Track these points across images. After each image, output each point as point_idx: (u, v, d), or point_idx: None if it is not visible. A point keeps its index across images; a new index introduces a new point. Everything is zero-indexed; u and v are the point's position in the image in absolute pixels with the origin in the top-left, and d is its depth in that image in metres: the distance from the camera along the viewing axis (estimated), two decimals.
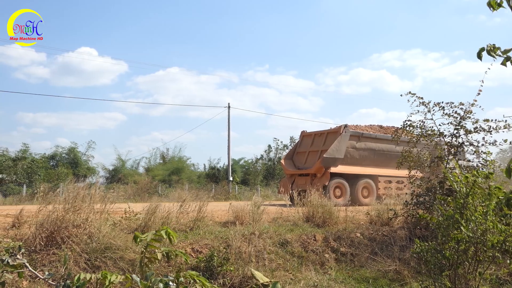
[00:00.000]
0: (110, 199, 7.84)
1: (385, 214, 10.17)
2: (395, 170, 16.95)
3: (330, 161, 15.51)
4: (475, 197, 5.31)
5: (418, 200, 9.63)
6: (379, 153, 16.83)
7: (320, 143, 16.65)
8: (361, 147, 16.42)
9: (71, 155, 32.14)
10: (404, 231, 9.49)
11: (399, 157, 16.72)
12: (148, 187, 25.77)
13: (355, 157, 16.26)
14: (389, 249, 8.79)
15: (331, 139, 16.11)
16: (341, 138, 15.80)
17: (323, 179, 15.46)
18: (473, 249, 5.52)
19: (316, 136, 17.26)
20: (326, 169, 15.52)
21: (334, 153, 15.56)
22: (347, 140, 15.92)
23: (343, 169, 15.89)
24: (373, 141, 16.74)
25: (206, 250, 7.54)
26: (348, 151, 16.00)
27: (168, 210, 8.29)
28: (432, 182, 9.62)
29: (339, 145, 15.70)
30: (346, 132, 15.98)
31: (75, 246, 6.44)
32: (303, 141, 17.88)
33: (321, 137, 16.89)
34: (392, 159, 17.00)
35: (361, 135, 16.42)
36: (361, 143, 16.41)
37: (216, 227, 8.86)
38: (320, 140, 16.82)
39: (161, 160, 36.63)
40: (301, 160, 17.16)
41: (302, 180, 16.38)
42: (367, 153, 16.58)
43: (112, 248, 6.61)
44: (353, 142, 16.18)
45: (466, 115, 9.50)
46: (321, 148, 16.30)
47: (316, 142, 17.07)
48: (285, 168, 17.42)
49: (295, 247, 8.44)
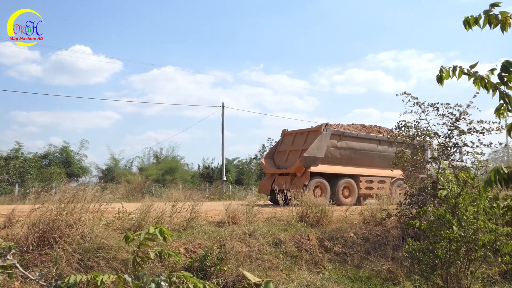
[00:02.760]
0: (103, 199, 7.82)
1: (378, 214, 10.22)
2: (377, 169, 17.03)
3: (310, 160, 15.31)
4: (466, 197, 5.36)
5: (411, 200, 9.68)
6: (361, 152, 16.68)
7: (301, 142, 16.41)
8: (342, 146, 16.25)
9: (64, 155, 31.97)
10: (397, 231, 9.55)
11: (381, 156, 17.00)
12: (142, 187, 25.71)
13: (336, 156, 16.09)
14: (382, 248, 8.84)
15: (312, 138, 15.90)
16: (321, 137, 15.62)
17: (303, 178, 15.25)
18: (465, 249, 5.57)
19: (297, 135, 17.02)
20: (306, 169, 15.31)
21: (315, 152, 15.36)
22: (328, 139, 15.76)
23: (324, 168, 15.71)
24: (355, 140, 16.59)
25: (200, 250, 7.55)
26: (329, 150, 15.83)
27: (161, 210, 8.28)
28: (425, 182, 9.69)
29: (320, 144, 15.52)
30: (327, 131, 15.80)
31: (67, 246, 6.42)
32: (284, 140, 17.64)
33: (302, 136, 16.66)
34: (374, 159, 17.07)
35: (342, 134, 16.24)
36: (342, 142, 16.25)
37: (210, 227, 8.87)
38: (301, 139, 16.59)
39: (154, 160, 36.54)
40: (282, 159, 16.92)
41: (282, 179, 16.11)
42: (348, 152, 16.40)
43: (105, 248, 6.60)
44: (334, 141, 16.03)
45: (461, 116, 9.57)
46: (301, 147, 16.07)
47: (297, 141, 16.84)
48: (265, 167, 17.18)
49: (288, 246, 8.47)
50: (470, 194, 5.42)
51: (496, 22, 2.82)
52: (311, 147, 15.27)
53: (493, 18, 2.81)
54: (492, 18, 2.81)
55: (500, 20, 2.80)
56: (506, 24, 2.81)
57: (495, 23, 2.82)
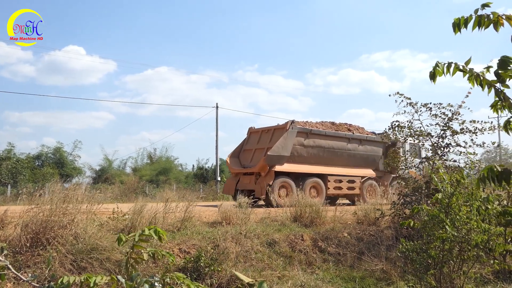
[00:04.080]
0: (96, 199, 7.79)
1: (372, 214, 10.25)
2: (346, 168, 16.75)
3: (275, 159, 14.81)
4: (460, 197, 5.39)
5: (405, 200, 9.73)
6: (329, 151, 16.28)
7: (267, 140, 15.92)
8: (309, 144, 15.77)
9: (57, 155, 31.78)
10: (391, 231, 9.58)
11: (351, 155, 16.82)
12: (135, 187, 25.61)
13: (302, 155, 15.60)
14: (376, 248, 8.87)
15: (278, 135, 15.36)
16: (287, 135, 15.11)
17: (267, 178, 14.71)
18: (458, 248, 5.61)
19: (263, 133, 16.51)
20: (270, 168, 14.80)
21: (280, 151, 14.85)
22: (294, 137, 15.25)
23: (290, 167, 15.23)
24: (323, 138, 16.14)
25: (194, 250, 7.54)
26: (295, 148, 15.33)
27: (155, 210, 8.26)
28: (419, 183, 9.74)
29: (286, 142, 15.01)
30: (293, 128, 15.29)
31: (60, 247, 6.39)
32: (250, 138, 17.12)
33: (268, 134, 16.15)
34: (343, 157, 16.67)
35: (309, 131, 15.75)
36: (309, 140, 15.76)
37: (204, 228, 8.86)
38: (267, 137, 16.09)
39: (148, 160, 36.43)
40: (247, 158, 16.41)
41: (246, 179, 15.72)
42: (316, 151, 15.94)
43: (99, 249, 6.57)
44: (300, 139, 15.51)
45: (454, 116, 9.63)
46: (267, 145, 15.54)
47: (262, 139, 16.36)
48: (230, 167, 16.71)
49: (282, 247, 8.47)
50: (463, 194, 5.46)
51: (488, 23, 2.84)
52: (275, 145, 14.80)
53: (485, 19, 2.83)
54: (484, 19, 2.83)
55: (492, 20, 2.82)
56: (498, 24, 2.83)
57: (486, 23, 2.84)
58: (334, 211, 10.65)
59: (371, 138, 17.42)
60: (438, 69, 3.12)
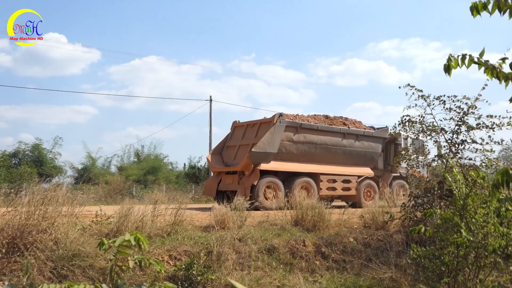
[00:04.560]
0: (78, 201, 7.79)
1: (380, 217, 10.27)
2: (341, 167, 16.37)
3: (260, 156, 14.39)
4: (476, 198, 5.40)
5: (416, 202, 9.75)
6: (322, 147, 15.93)
7: (252, 135, 15.50)
8: (299, 140, 15.38)
9: (35, 153, 31.75)
10: (400, 235, 9.60)
11: (347, 152, 16.49)
12: (121, 188, 25.59)
13: (292, 152, 15.24)
14: (384, 255, 8.89)
15: (264, 130, 14.96)
16: (274, 129, 14.66)
17: (251, 177, 14.33)
18: (474, 255, 5.62)
19: (248, 127, 16.08)
20: (255, 166, 14.39)
21: (265, 147, 14.44)
22: (282, 132, 14.83)
23: (277, 165, 14.87)
24: (315, 133, 15.73)
25: (185, 257, 7.55)
26: (283, 144, 14.92)
27: (142, 213, 8.26)
28: (431, 183, 9.75)
29: (272, 137, 14.59)
30: (281, 122, 14.84)
31: (39, 253, 6.39)
32: (234, 133, 16.71)
33: (253, 128, 15.78)
34: (337, 155, 16.33)
35: (299, 126, 15.32)
36: (299, 135, 15.35)
37: (196, 232, 8.87)
38: (252, 131, 15.69)
39: (135, 159, 36.40)
40: (231, 156, 16.04)
41: (229, 179, 15.36)
42: (307, 147, 15.56)
43: (81, 255, 6.58)
44: (289, 134, 15.12)
45: (470, 110, 9.63)
46: (252, 141, 15.13)
47: (247, 134, 15.93)
48: (211, 165, 16.37)
49: (282, 253, 8.49)
50: (480, 195, 5.47)
51: (506, 8, 2.83)
52: (261, 141, 14.40)
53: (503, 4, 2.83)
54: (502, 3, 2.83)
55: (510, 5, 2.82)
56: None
57: (504, 8, 2.83)
58: (339, 214, 10.67)
59: (369, 133, 17.17)
60: (452, 62, 3.11)
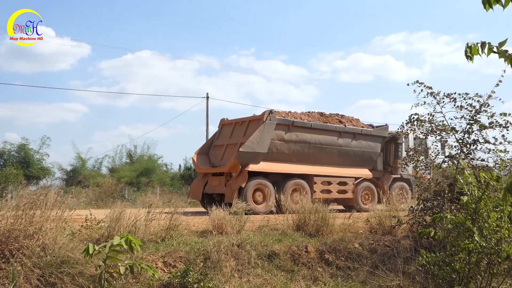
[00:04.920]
0: (67, 204, 7.78)
1: (387, 221, 10.26)
2: (336, 168, 16.22)
3: (248, 157, 14.23)
4: (489, 201, 5.39)
5: (425, 206, 9.74)
6: (316, 147, 15.73)
7: (240, 134, 15.39)
8: (291, 139, 15.18)
9: (21, 153, 31.70)
10: (409, 241, 9.59)
11: (343, 152, 16.33)
12: (113, 191, 25.59)
13: (283, 152, 15.06)
14: (392, 261, 8.88)
15: (253, 128, 14.82)
16: (264, 128, 14.48)
17: (239, 179, 14.19)
18: (486, 261, 5.61)
19: (236, 125, 16.02)
20: (243, 167, 14.23)
21: (254, 146, 14.27)
22: (272, 130, 14.66)
23: (267, 166, 14.72)
24: (308, 132, 15.55)
25: (181, 263, 7.54)
26: (274, 143, 14.75)
27: (135, 217, 8.26)
28: (441, 185, 9.74)
29: (262, 136, 14.40)
30: (271, 120, 14.69)
31: (26, 260, 6.38)
32: (222, 131, 16.69)
33: (242, 126, 15.67)
34: (333, 155, 16.15)
35: (291, 123, 15.14)
36: (291, 134, 15.18)
37: (192, 237, 8.87)
38: (241, 130, 15.58)
39: (127, 159, 36.37)
40: (218, 156, 15.90)
41: (215, 181, 15.21)
42: (299, 147, 15.37)
43: (70, 262, 6.56)
44: (280, 132, 14.94)
45: (482, 108, 9.63)
46: (240, 140, 14.97)
47: (236, 132, 15.86)
48: (196, 166, 16.26)
49: (283, 260, 8.48)
50: (493, 198, 5.46)
51: None
52: (249, 140, 14.22)
53: None
54: None
55: None
56: None
57: None
58: (344, 218, 10.66)
59: (367, 131, 17.02)
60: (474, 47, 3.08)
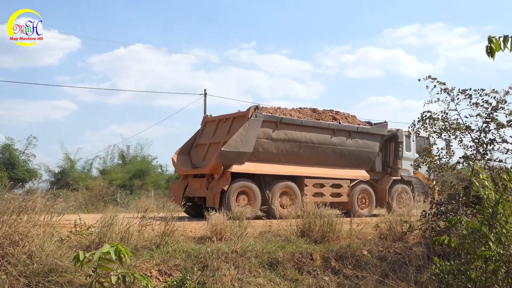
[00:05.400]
0: (56, 209, 7.80)
1: (398, 227, 10.26)
2: (330, 169, 15.96)
3: (231, 157, 13.95)
4: (507, 205, 5.39)
5: (438, 210, 9.73)
6: (307, 146, 15.48)
7: (224, 132, 15.16)
8: (280, 138, 14.90)
9: (6, 154, 31.75)
10: (421, 248, 9.59)
11: (337, 151, 16.04)
12: (104, 194, 25.56)
13: (270, 151, 14.78)
14: (403, 270, 8.88)
15: (237, 125, 14.57)
16: (249, 125, 14.20)
17: (221, 181, 13.89)
18: (505, 270, 5.61)
19: (220, 123, 15.77)
20: (226, 168, 13.93)
21: (238, 145, 13.98)
22: (258, 127, 14.38)
23: (252, 167, 14.43)
24: (299, 129, 15.27)
25: (177, 272, 7.56)
26: (260, 142, 14.48)
27: (128, 222, 8.27)
28: (456, 188, 9.74)
29: (247, 134, 14.14)
30: (258, 116, 14.39)
31: (11, 268, 6.40)
32: (205, 129, 16.41)
33: (226, 124, 15.45)
34: (326, 154, 15.90)
35: (279, 120, 14.85)
36: (280, 132, 14.89)
37: (189, 244, 8.88)
38: (225, 127, 15.33)
39: (120, 161, 36.41)
40: (200, 156, 15.63)
41: (196, 183, 14.99)
42: (289, 146, 15.10)
43: (58, 270, 6.58)
44: (267, 130, 14.67)
45: (499, 105, 9.63)
46: (224, 138, 14.67)
47: (219, 130, 15.61)
48: (176, 167, 16.03)
49: (287, 268, 8.49)
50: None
51: None
52: (232, 139, 13.95)
53: None
54: None
55: None
56: None
57: None
58: (351, 224, 10.67)
59: (363, 129, 16.81)
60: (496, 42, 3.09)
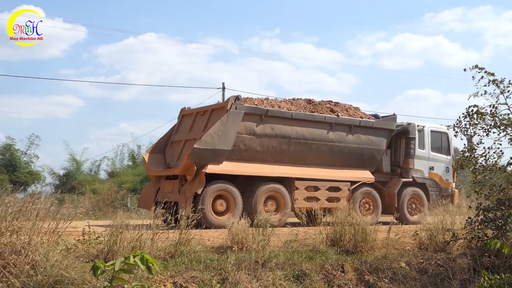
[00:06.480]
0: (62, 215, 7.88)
1: (439, 235, 10.18)
2: (326, 169, 15.03)
3: (205, 155, 13.09)
4: None
5: (486, 217, 9.62)
6: (299, 143, 14.59)
7: (201, 127, 14.36)
8: (265, 133, 14.03)
9: (6, 155, 32.17)
10: (466, 260, 9.51)
11: (335, 148, 15.07)
12: (113, 199, 25.81)
13: (254, 149, 13.95)
14: (445, 283, 8.83)
15: (215, 119, 13.70)
16: (227, 118, 13.36)
17: (194, 184, 13.05)
18: None
19: (198, 116, 14.99)
20: (199, 168, 13.07)
21: (214, 142, 13.15)
22: (239, 121, 13.53)
23: (232, 167, 13.64)
24: (289, 123, 14.37)
25: (194, 285, 7.59)
26: (241, 138, 13.67)
27: (140, 230, 8.32)
28: (506, 192, 9.63)
29: (225, 129, 13.29)
30: (238, 108, 13.56)
31: (13, 280, 6.48)
32: (181, 123, 15.69)
33: (203, 117, 14.63)
34: (321, 153, 15.01)
35: (264, 113, 13.99)
36: (265, 126, 14.01)
37: (207, 254, 8.91)
38: (202, 121, 14.56)
39: (130, 162, 36.65)
40: (175, 154, 14.83)
41: (168, 185, 14.24)
42: (276, 143, 14.21)
43: (64, 281, 6.65)
44: (250, 124, 13.82)
45: None
46: (200, 134, 13.79)
47: (196, 124, 14.84)
48: (147, 167, 15.25)
49: (315, 281, 8.48)
50: None
51: None
52: (208, 134, 13.16)
53: None
54: None
55: None
56: None
57: None
58: (388, 233, 10.61)
59: (367, 123, 15.82)
60: None
